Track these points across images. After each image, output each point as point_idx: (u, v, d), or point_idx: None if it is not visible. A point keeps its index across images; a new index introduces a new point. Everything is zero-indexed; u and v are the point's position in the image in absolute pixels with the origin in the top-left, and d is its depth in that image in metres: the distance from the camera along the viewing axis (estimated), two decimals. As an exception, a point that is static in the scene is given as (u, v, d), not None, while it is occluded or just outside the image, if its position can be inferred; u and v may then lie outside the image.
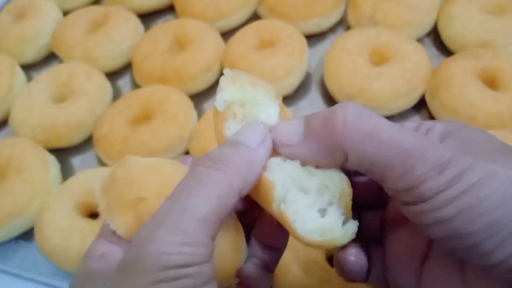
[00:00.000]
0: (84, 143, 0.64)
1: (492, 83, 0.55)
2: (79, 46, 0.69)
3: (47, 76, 0.65)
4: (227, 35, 0.69)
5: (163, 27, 0.69)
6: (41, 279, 0.53)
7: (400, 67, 0.57)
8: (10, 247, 0.56)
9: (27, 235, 0.56)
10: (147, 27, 0.75)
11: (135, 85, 0.70)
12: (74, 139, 0.62)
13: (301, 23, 0.68)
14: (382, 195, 0.30)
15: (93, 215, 0.54)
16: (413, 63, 0.58)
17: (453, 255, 0.24)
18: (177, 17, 0.75)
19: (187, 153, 0.60)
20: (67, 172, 0.61)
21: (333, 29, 0.71)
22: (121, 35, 0.69)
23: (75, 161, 0.63)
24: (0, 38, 0.73)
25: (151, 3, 0.76)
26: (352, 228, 0.25)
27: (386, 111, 0.58)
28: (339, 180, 0.26)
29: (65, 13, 0.78)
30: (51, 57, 0.76)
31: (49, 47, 0.74)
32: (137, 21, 0.73)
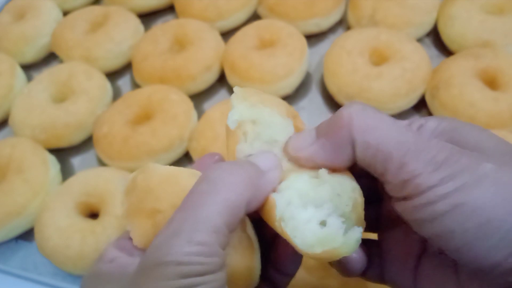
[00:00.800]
0: (84, 143, 0.64)
1: (492, 83, 0.55)
2: (79, 46, 0.69)
3: (47, 76, 0.65)
4: (227, 35, 0.69)
5: (163, 27, 0.69)
6: (41, 279, 0.53)
7: (400, 67, 0.57)
8: (10, 247, 0.56)
9: (27, 235, 0.56)
10: (147, 27, 0.75)
11: (135, 85, 0.70)
12: (74, 139, 0.62)
13: (301, 23, 0.68)
14: (378, 193, 0.30)
15: (93, 215, 0.53)
16: (413, 63, 0.57)
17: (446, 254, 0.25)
18: (177, 17, 0.75)
19: (187, 153, 0.60)
20: (67, 172, 0.61)
21: (333, 29, 0.71)
22: (121, 35, 0.69)
23: (75, 161, 0.63)
24: (0, 38, 0.73)
25: (151, 3, 0.76)
26: (355, 235, 0.24)
27: (386, 111, 0.58)
28: (351, 189, 0.26)
29: (65, 13, 0.78)
30: (51, 57, 0.76)
31: (49, 47, 0.74)
32: (137, 21, 0.73)
